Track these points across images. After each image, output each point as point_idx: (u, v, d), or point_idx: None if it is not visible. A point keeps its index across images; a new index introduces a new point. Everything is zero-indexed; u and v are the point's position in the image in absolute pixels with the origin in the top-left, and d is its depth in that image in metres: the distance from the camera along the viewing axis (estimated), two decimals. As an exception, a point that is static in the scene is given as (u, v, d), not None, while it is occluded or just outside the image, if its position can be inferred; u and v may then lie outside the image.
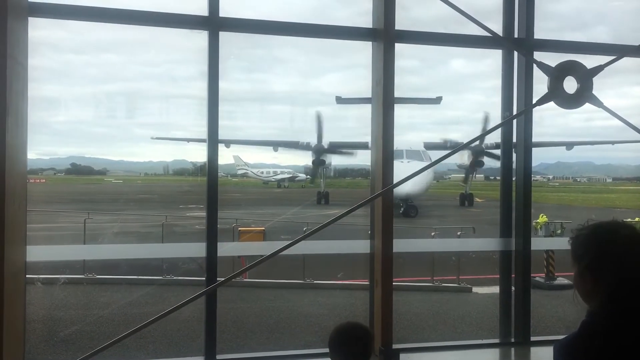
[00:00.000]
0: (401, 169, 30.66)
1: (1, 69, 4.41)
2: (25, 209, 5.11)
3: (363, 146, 31.83)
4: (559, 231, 14.32)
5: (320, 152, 31.89)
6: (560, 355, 1.71)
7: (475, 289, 11.87)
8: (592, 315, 1.75)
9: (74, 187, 55.43)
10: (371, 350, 2.66)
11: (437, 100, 36.92)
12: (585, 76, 5.16)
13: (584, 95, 5.19)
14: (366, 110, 6.22)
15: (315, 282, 11.88)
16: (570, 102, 5.20)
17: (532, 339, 6.40)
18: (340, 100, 36.42)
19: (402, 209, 26.23)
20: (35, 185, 55.96)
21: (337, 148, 33.62)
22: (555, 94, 5.18)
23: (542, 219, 14.73)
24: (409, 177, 5.61)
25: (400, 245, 6.71)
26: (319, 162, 32.81)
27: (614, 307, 1.70)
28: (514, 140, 6.74)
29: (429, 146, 32.96)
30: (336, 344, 2.63)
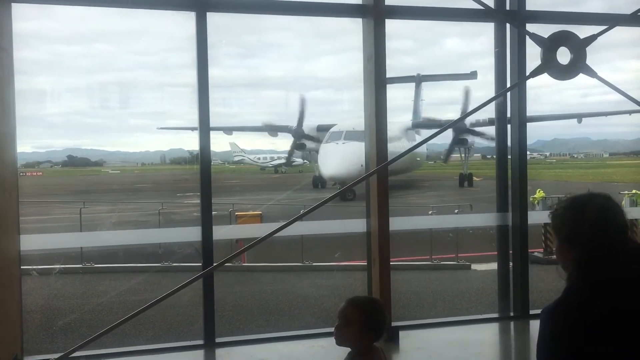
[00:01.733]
0: (330, 150, 29.30)
1: (-16, 55, 4.33)
2: (17, 198, 5.06)
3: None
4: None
5: (299, 135, 31.49)
6: (543, 320, 1.78)
7: (474, 266, 11.88)
8: (571, 280, 1.83)
9: (71, 179, 55.30)
10: (386, 320, 2.63)
11: (473, 75, 35.60)
12: (579, 46, 5.10)
13: (577, 65, 5.14)
14: (358, 93, 6.14)
15: (313, 264, 11.89)
16: (564, 73, 5.15)
17: (531, 312, 6.41)
18: None
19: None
20: (31, 178, 55.74)
21: (325, 130, 33.27)
22: (549, 65, 5.13)
23: (540, 194, 14.73)
24: (403, 153, 5.58)
25: (397, 223, 6.69)
26: (299, 146, 32.46)
27: (586, 272, 1.78)
28: (509, 115, 6.71)
29: (418, 125, 32.51)
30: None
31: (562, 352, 1.70)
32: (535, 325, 6.07)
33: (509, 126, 6.74)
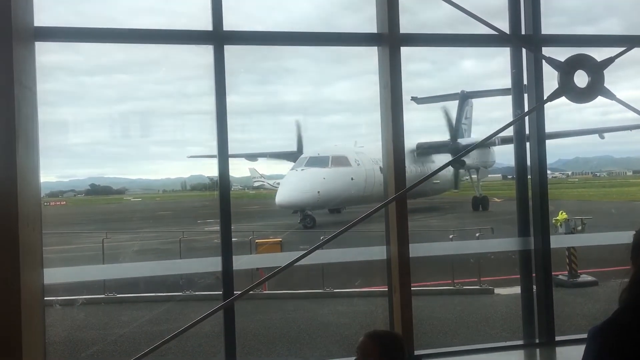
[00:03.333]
0: (288, 177, 28.64)
1: (9, 94, 4.45)
2: (40, 232, 5.13)
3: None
4: (579, 227, 14.09)
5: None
6: (591, 339, 1.76)
7: (497, 290, 11.72)
8: (622, 300, 1.81)
9: (94, 208, 55.94)
10: (405, 353, 2.61)
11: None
12: (596, 69, 5.06)
13: (595, 88, 5.09)
14: (377, 115, 6.16)
15: (334, 290, 11.83)
16: (582, 96, 5.10)
17: (557, 338, 6.27)
18: (418, 100, 35.41)
19: (299, 220, 25.09)
20: (55, 207, 56.45)
21: None
22: (566, 89, 5.09)
23: (562, 216, 14.51)
24: (424, 178, 5.55)
25: (417, 249, 6.64)
26: None
27: (636, 292, 1.78)
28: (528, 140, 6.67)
29: (423, 147, 30.98)
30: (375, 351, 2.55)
31: None
32: (561, 353, 5.98)
33: (527, 145, 6.69)
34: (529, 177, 6.71)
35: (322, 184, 24.88)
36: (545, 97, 5.54)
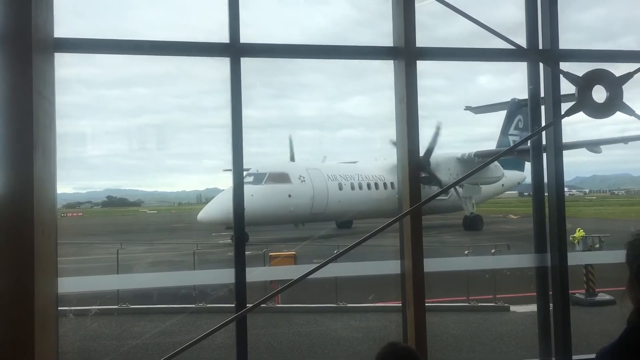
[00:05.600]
0: (219, 195, 28.39)
1: (27, 104, 4.50)
2: (55, 241, 5.16)
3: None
4: (597, 245, 13.89)
5: None
6: (599, 359, 1.77)
7: (513, 308, 11.57)
8: (631, 320, 1.78)
9: (110, 219, 56.32)
10: None
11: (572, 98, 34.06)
12: (614, 84, 5.01)
13: (614, 103, 5.04)
14: (392, 130, 6.13)
15: (348, 305, 11.75)
16: (600, 111, 5.05)
17: (574, 357, 6.16)
18: (473, 109, 35.06)
19: (231, 236, 25.21)
20: (72, 219, 56.94)
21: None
22: (584, 104, 5.04)
23: (580, 233, 14.33)
24: (434, 195, 5.51)
25: (432, 264, 6.57)
26: None
27: None
28: (544, 155, 6.61)
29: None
30: None
31: None
32: (578, 372, 5.86)
33: (544, 164, 6.63)
34: (546, 194, 6.63)
35: (248, 202, 24.79)
36: (563, 112, 5.51)
